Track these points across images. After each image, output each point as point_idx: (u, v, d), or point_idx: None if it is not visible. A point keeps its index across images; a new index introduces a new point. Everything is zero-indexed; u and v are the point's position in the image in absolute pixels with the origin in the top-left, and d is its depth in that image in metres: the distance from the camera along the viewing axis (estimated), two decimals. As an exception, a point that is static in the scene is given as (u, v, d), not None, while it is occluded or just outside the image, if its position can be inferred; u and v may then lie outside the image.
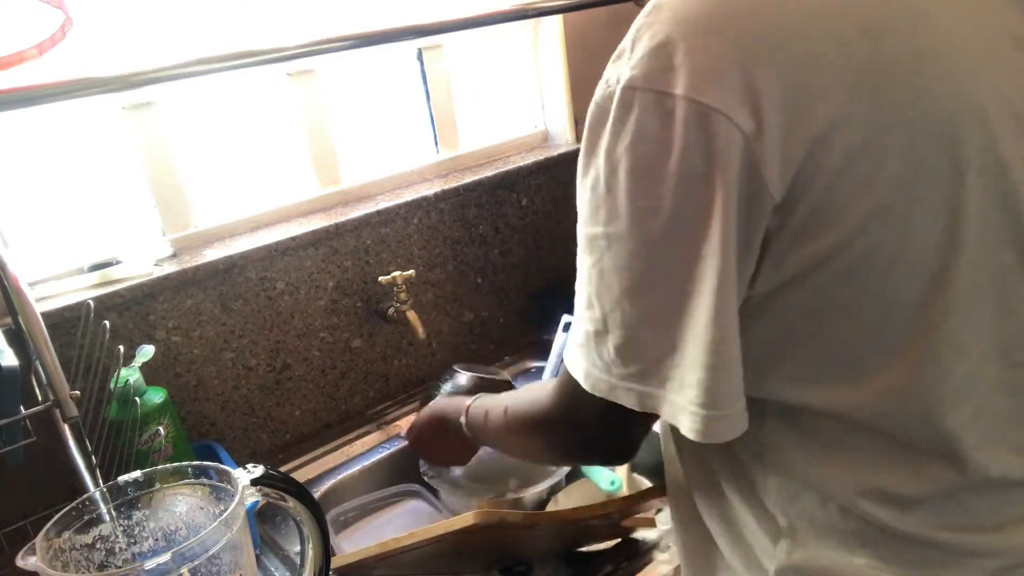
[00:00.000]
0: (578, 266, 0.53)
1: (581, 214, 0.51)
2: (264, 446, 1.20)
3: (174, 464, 0.63)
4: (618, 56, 0.48)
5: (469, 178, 1.35)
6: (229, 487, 0.61)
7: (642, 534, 0.95)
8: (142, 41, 1.04)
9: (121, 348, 0.89)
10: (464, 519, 0.77)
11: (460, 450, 0.96)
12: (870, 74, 0.45)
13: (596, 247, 0.50)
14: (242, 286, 1.12)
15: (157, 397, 0.98)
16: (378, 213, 1.24)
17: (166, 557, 0.52)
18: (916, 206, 0.46)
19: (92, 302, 0.92)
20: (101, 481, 0.82)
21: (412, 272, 1.21)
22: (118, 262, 1.08)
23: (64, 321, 0.97)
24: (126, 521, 0.62)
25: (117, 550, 0.61)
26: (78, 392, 0.73)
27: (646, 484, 1.05)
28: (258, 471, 0.62)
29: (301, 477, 1.14)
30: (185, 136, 1.15)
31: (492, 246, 1.41)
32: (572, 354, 0.55)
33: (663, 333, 0.48)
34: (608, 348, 0.51)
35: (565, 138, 1.53)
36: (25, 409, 0.74)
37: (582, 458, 0.74)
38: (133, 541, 0.62)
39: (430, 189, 1.31)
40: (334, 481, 1.14)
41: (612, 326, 0.50)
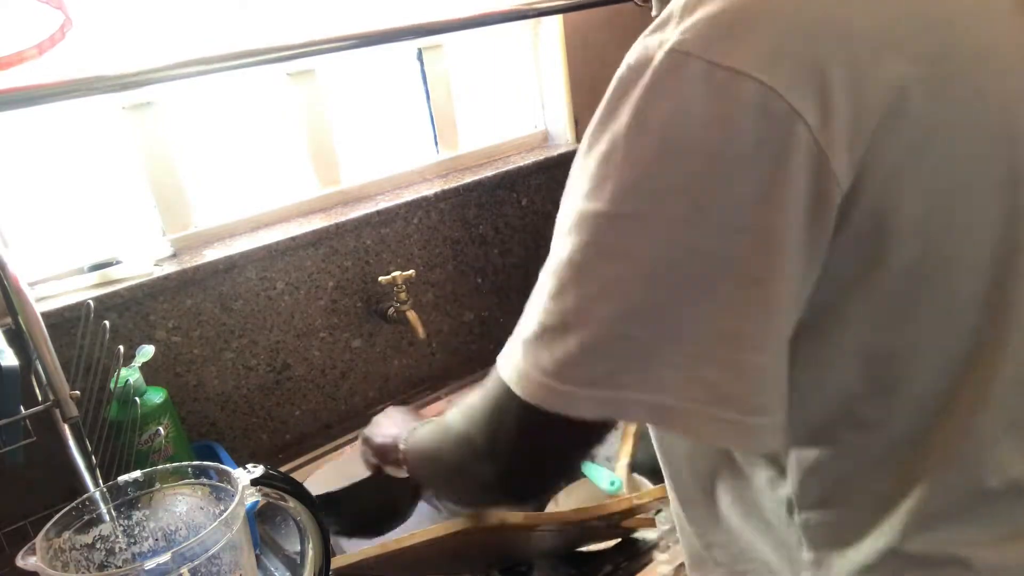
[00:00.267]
0: (556, 249, 0.46)
1: (578, 189, 0.45)
2: (264, 446, 1.20)
3: (174, 464, 0.63)
4: (663, 23, 0.43)
5: (469, 178, 1.35)
6: (229, 487, 0.61)
7: (642, 534, 0.95)
8: (142, 41, 1.04)
9: (121, 348, 0.89)
10: (466, 520, 0.77)
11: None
12: (936, 67, 0.42)
13: (592, 226, 0.43)
14: (242, 286, 1.12)
15: (157, 397, 0.98)
16: (378, 213, 1.24)
17: (166, 557, 0.52)
18: (974, 206, 0.44)
19: (92, 302, 0.92)
20: (101, 481, 0.82)
21: (412, 272, 1.21)
22: (118, 262, 1.08)
23: (64, 321, 0.97)
24: (126, 521, 0.62)
25: (117, 550, 0.61)
26: (78, 392, 0.73)
27: (647, 484, 1.05)
28: (258, 471, 0.62)
29: (301, 477, 1.14)
30: (185, 136, 1.15)
31: (492, 246, 1.41)
32: (513, 353, 0.48)
33: (662, 327, 0.42)
34: (568, 346, 0.44)
35: (565, 138, 1.53)
36: (25, 409, 0.74)
37: (484, 489, 0.58)
38: (133, 541, 0.62)
39: (430, 189, 1.31)
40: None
41: (588, 318, 0.43)
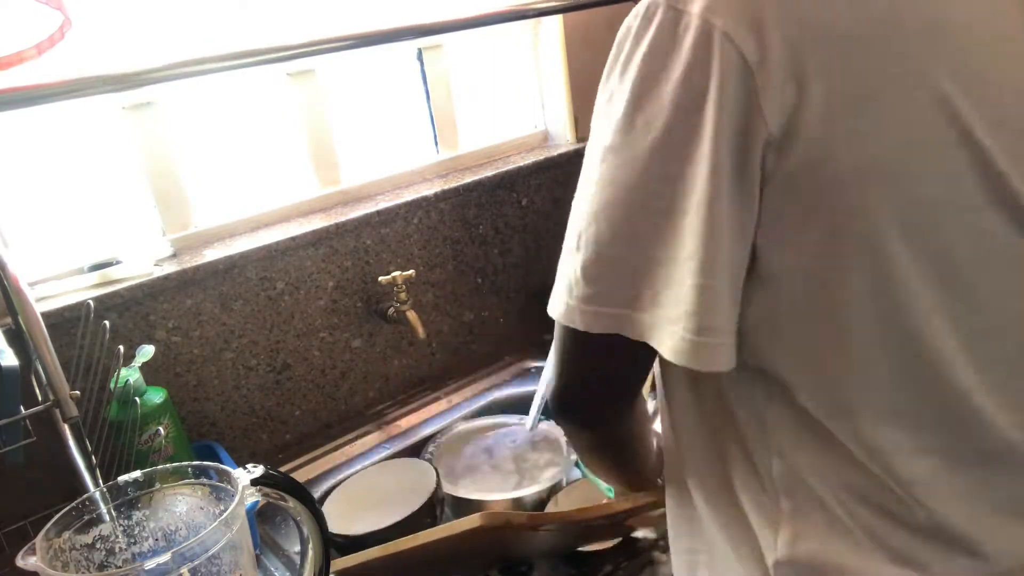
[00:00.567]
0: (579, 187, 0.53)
1: (592, 135, 0.52)
2: (264, 446, 1.20)
3: (174, 464, 0.64)
4: None
5: (469, 178, 1.35)
6: (229, 487, 0.61)
7: (643, 533, 0.94)
8: (142, 41, 1.04)
9: (121, 348, 0.89)
10: (470, 521, 0.77)
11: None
12: (879, 29, 0.45)
13: (594, 163, 0.51)
14: (242, 286, 1.12)
15: (157, 397, 0.98)
16: (378, 213, 1.24)
17: (166, 557, 0.52)
18: (913, 166, 0.46)
19: (92, 302, 0.92)
20: (101, 481, 0.82)
21: (412, 272, 1.21)
22: (118, 262, 1.08)
23: (64, 321, 0.97)
24: (126, 521, 0.62)
25: (117, 550, 0.61)
26: (78, 392, 0.73)
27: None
28: (258, 471, 0.62)
29: (301, 477, 1.14)
30: (185, 136, 1.15)
31: (492, 246, 1.41)
32: (553, 295, 0.55)
33: (642, 250, 0.48)
34: (576, 267, 0.51)
35: (565, 138, 1.53)
36: (25, 409, 0.74)
37: (557, 413, 0.64)
38: (133, 541, 0.62)
39: (430, 189, 1.31)
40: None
41: (585, 242, 0.51)
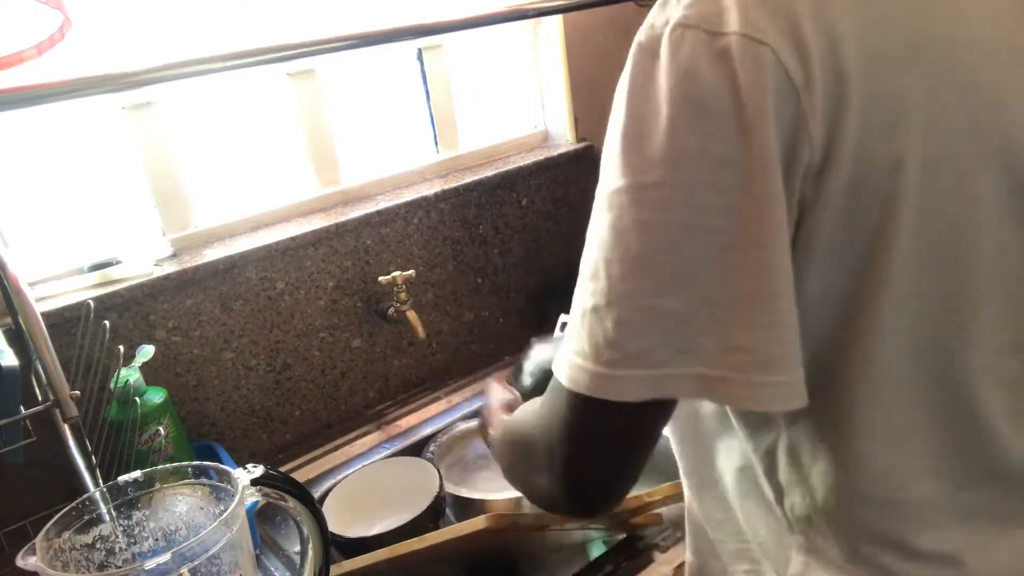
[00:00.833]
0: (588, 237, 0.47)
1: (605, 171, 0.46)
2: (264, 446, 1.20)
3: (174, 464, 0.64)
4: (664, 3, 0.46)
5: (469, 178, 1.35)
6: (229, 487, 0.61)
7: (643, 531, 0.94)
8: (142, 41, 1.04)
9: (121, 348, 0.89)
10: (476, 523, 0.77)
11: None
12: (912, 49, 0.45)
13: (618, 204, 0.44)
14: (242, 286, 1.12)
15: (157, 397, 0.98)
16: (378, 213, 1.24)
17: (166, 557, 0.52)
18: (944, 187, 0.46)
19: (92, 302, 0.92)
20: (101, 481, 0.82)
21: (412, 272, 1.21)
22: (118, 262, 1.08)
23: (64, 321, 0.96)
24: (126, 521, 0.62)
25: (117, 550, 0.61)
26: (78, 392, 0.73)
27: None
28: (258, 471, 0.62)
29: (301, 477, 1.14)
30: (185, 136, 1.15)
31: (492, 246, 1.41)
32: (560, 359, 0.49)
33: (694, 294, 0.43)
34: (606, 327, 0.44)
35: (565, 138, 1.53)
36: (25, 409, 0.74)
37: (551, 494, 0.55)
38: (133, 541, 0.62)
39: (430, 189, 1.31)
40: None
41: (620, 296, 0.44)
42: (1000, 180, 0.47)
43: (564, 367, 0.47)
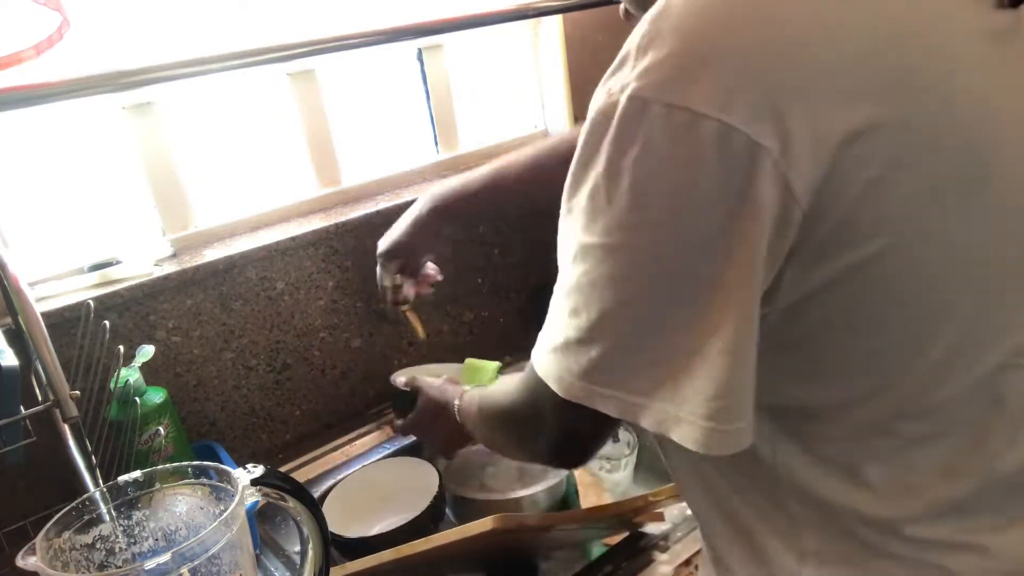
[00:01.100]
0: (566, 271, 0.50)
1: (575, 221, 0.49)
2: (264, 446, 1.20)
3: (174, 464, 0.63)
4: (621, 63, 0.45)
5: (469, 178, 1.35)
6: (229, 487, 0.61)
7: (650, 528, 0.94)
8: (142, 41, 1.04)
9: (121, 348, 0.89)
10: (483, 524, 0.77)
11: (457, 436, 0.94)
12: (896, 83, 0.43)
13: (590, 256, 0.47)
14: (242, 286, 1.12)
15: (157, 397, 0.98)
16: (378, 213, 1.24)
17: (166, 557, 0.52)
18: (950, 214, 0.45)
19: (92, 302, 0.92)
20: (101, 481, 0.82)
21: (412, 272, 1.21)
22: (118, 262, 1.08)
23: (64, 321, 0.96)
24: (126, 521, 0.62)
25: (117, 550, 0.61)
26: (78, 392, 0.73)
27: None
28: (258, 471, 0.62)
29: (301, 477, 1.14)
30: (185, 136, 1.15)
31: (492, 246, 1.41)
32: (544, 358, 0.53)
33: (664, 345, 0.46)
34: (591, 355, 0.48)
35: (565, 138, 1.53)
36: (25, 409, 0.74)
37: (537, 457, 0.67)
38: (133, 541, 0.62)
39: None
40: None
41: (600, 335, 0.48)
42: (1000, 198, 0.47)
43: (560, 381, 0.51)
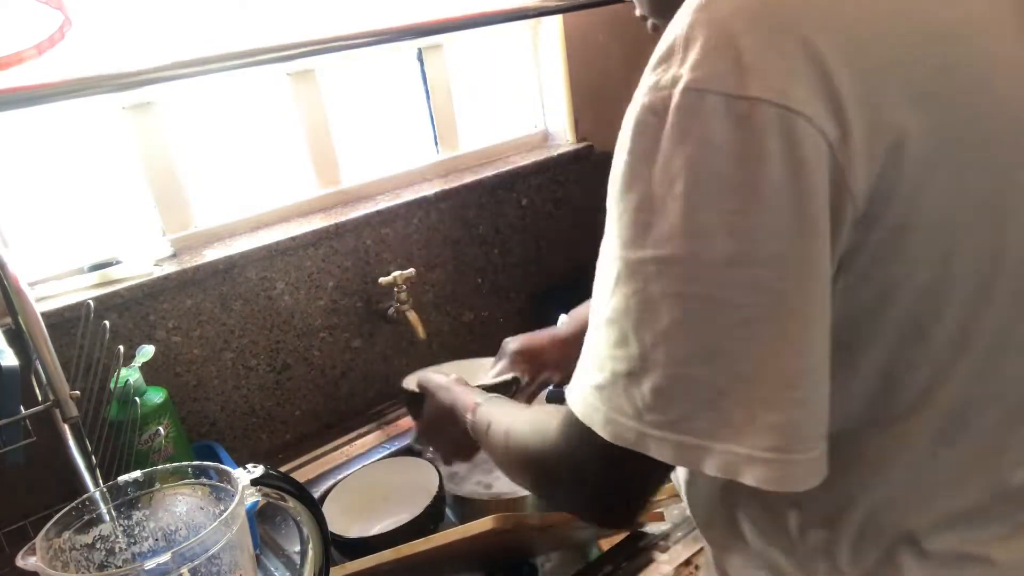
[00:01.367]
0: (607, 298, 0.45)
1: (619, 237, 0.44)
2: (264, 446, 1.20)
3: (174, 464, 0.64)
4: (666, 56, 0.42)
5: (469, 178, 1.35)
6: (229, 487, 0.61)
7: (650, 527, 0.94)
8: (142, 41, 1.04)
9: (121, 348, 0.89)
10: (482, 524, 0.77)
11: (466, 449, 0.88)
12: (945, 79, 0.42)
13: (639, 274, 0.43)
14: (242, 286, 1.12)
15: (157, 397, 0.98)
16: (378, 213, 1.24)
17: (166, 557, 0.52)
18: (1006, 218, 0.44)
19: (92, 302, 0.92)
20: (101, 481, 0.82)
21: (412, 272, 1.21)
22: (118, 262, 1.08)
23: (64, 321, 0.96)
24: (126, 521, 0.62)
25: (117, 550, 0.61)
26: (78, 392, 0.73)
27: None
28: (258, 471, 0.62)
29: (301, 477, 1.14)
30: (185, 136, 1.15)
31: (492, 246, 1.41)
32: (587, 398, 0.48)
33: (726, 368, 0.42)
34: (643, 391, 0.44)
35: (565, 138, 1.53)
36: (25, 409, 0.74)
37: (576, 511, 0.60)
38: (133, 541, 0.62)
39: (430, 189, 1.31)
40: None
41: (653, 364, 0.43)
42: None
43: (607, 423, 0.46)
